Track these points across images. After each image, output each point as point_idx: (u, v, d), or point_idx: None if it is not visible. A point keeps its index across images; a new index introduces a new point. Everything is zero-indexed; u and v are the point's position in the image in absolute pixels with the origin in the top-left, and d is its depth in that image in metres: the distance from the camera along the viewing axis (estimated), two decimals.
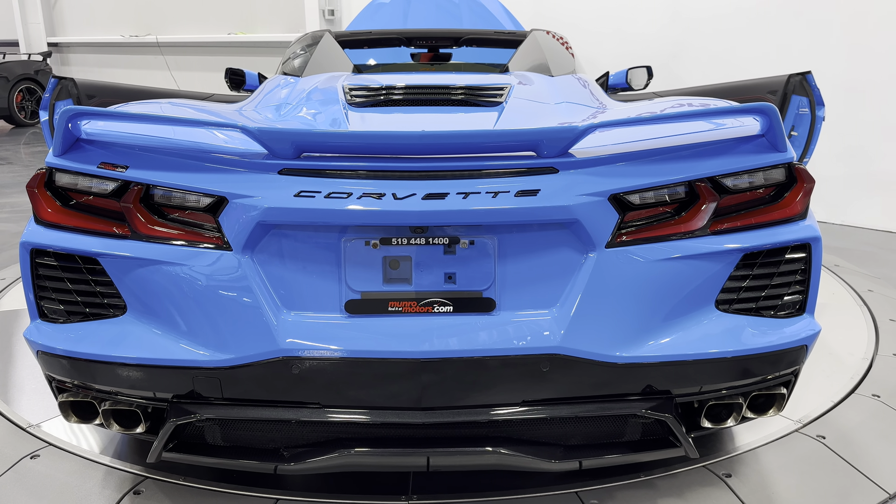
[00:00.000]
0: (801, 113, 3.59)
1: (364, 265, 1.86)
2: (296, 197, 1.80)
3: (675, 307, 1.88)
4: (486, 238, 1.85)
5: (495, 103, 2.38)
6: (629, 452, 2.00)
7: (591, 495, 2.20)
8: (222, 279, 1.83)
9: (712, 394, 1.98)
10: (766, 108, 1.87)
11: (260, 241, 1.84)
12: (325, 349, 1.80)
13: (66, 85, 3.44)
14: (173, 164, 1.89)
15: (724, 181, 1.92)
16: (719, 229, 1.91)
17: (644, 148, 1.91)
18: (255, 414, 1.87)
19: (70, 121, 1.88)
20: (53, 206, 1.94)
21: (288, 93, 2.72)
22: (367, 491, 2.21)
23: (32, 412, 2.72)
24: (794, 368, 2.02)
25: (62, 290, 1.96)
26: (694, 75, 6.25)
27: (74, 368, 1.94)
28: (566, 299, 1.85)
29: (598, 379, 1.86)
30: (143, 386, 1.91)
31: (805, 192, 1.96)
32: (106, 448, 2.47)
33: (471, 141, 1.84)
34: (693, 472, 2.32)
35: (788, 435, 2.55)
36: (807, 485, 2.28)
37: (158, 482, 2.27)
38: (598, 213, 1.83)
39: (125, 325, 1.91)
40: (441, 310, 1.85)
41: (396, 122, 2.29)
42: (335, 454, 1.89)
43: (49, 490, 2.25)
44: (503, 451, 1.90)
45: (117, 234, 1.90)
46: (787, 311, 1.99)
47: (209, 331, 1.83)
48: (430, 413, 1.85)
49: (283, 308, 1.85)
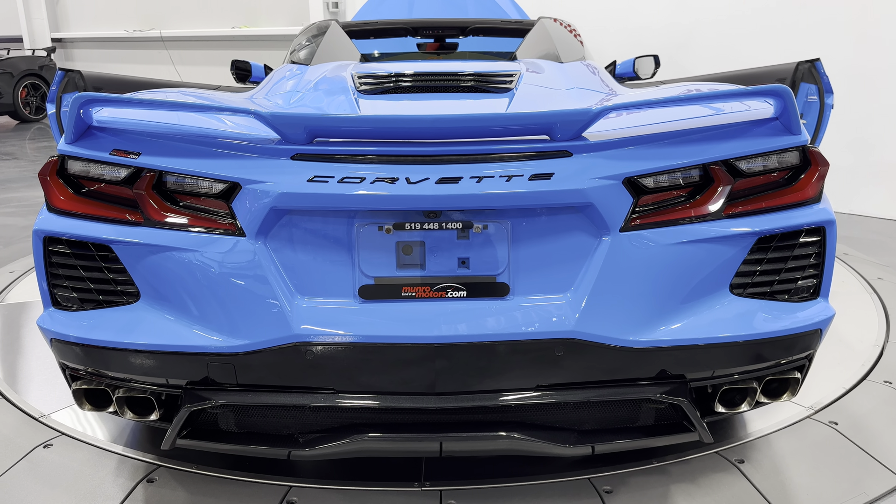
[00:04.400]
0: (810, 101, 3.57)
1: (377, 250, 1.85)
2: (309, 182, 1.79)
3: (689, 291, 1.88)
4: (500, 222, 1.85)
5: (505, 89, 2.36)
6: (643, 437, 2.00)
7: (603, 481, 2.20)
8: (236, 265, 1.82)
9: (726, 378, 1.97)
10: (781, 91, 1.86)
11: (273, 226, 1.84)
12: (338, 335, 1.80)
13: (72, 77, 3.44)
14: (185, 151, 1.89)
15: (739, 164, 1.91)
16: (734, 213, 1.90)
17: (658, 131, 1.90)
18: (269, 400, 1.87)
19: (82, 108, 1.88)
20: (66, 193, 1.94)
21: (297, 81, 2.72)
22: (379, 477, 2.22)
23: (44, 402, 2.73)
24: (808, 353, 2.02)
25: (75, 278, 1.96)
26: (700, 65, 6.22)
27: (88, 356, 1.95)
28: (580, 284, 1.84)
29: (613, 363, 1.86)
30: (156, 372, 1.91)
31: (819, 175, 1.95)
32: (118, 437, 2.48)
33: (485, 124, 1.83)
34: (706, 458, 2.32)
35: (801, 421, 2.54)
36: (819, 470, 2.27)
37: (171, 470, 2.28)
38: (613, 197, 1.82)
39: (139, 312, 1.91)
40: (454, 295, 1.85)
41: (407, 108, 2.28)
42: (348, 440, 1.89)
43: (63, 478, 2.25)
44: (516, 435, 1.90)
45: (130, 221, 1.89)
46: (801, 295, 1.99)
47: (223, 317, 1.83)
48: (444, 398, 1.84)
49: (296, 294, 1.85)
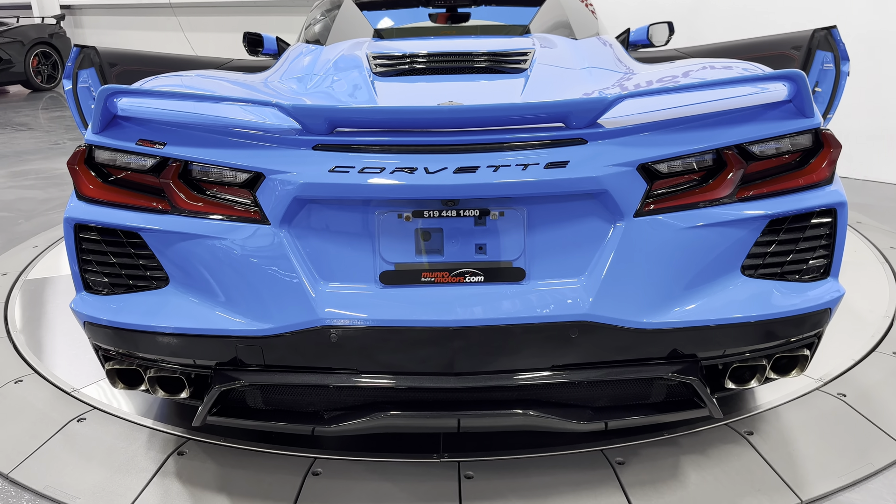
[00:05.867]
0: (826, 68, 3.56)
1: (397, 237, 1.91)
2: (330, 172, 1.84)
3: (701, 273, 1.92)
4: (516, 209, 1.89)
5: (520, 70, 2.39)
6: (654, 413, 2.07)
7: (615, 453, 2.28)
8: (262, 252, 1.89)
9: (737, 356, 2.03)
10: (794, 75, 1.88)
11: (296, 215, 1.90)
12: (361, 318, 1.87)
13: (88, 53, 3.48)
14: (209, 141, 1.94)
15: (752, 148, 1.93)
16: (746, 196, 1.93)
17: (672, 116, 1.93)
18: (295, 380, 1.95)
19: (107, 99, 1.93)
20: (94, 182, 2.00)
21: (312, 62, 2.74)
22: (399, 449, 2.31)
23: (75, 377, 2.83)
24: (817, 331, 2.07)
25: (106, 264, 2.03)
26: (716, 30, 6.15)
27: (120, 338, 2.03)
28: (594, 268, 1.89)
29: (626, 344, 1.92)
30: (186, 354, 1.99)
31: (832, 158, 1.97)
32: (147, 411, 2.58)
33: (501, 114, 1.87)
34: (715, 430, 2.39)
35: (809, 393, 2.60)
36: (827, 441, 2.34)
37: (200, 443, 2.38)
38: (627, 183, 1.86)
39: (168, 297, 1.98)
40: (472, 280, 1.91)
41: (423, 91, 2.31)
42: (370, 417, 1.97)
43: (98, 451, 2.36)
44: (532, 413, 1.97)
45: (158, 209, 1.95)
46: (811, 275, 2.03)
47: (251, 301, 1.90)
48: (462, 378, 1.91)
49: (319, 280, 1.91)
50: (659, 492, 2.11)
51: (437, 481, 2.17)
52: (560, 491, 2.12)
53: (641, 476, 2.18)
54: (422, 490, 2.13)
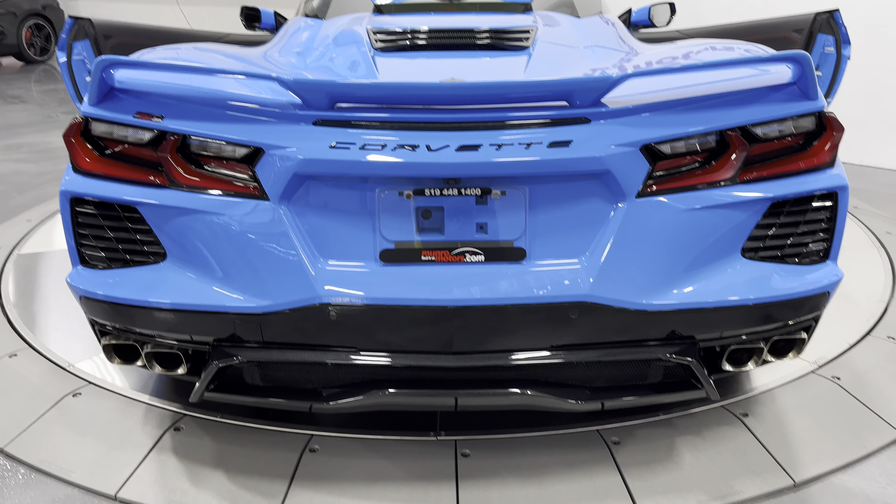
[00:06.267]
0: (827, 52, 3.54)
1: (397, 215, 1.89)
2: (331, 148, 1.82)
3: (702, 255, 1.92)
4: (518, 189, 1.88)
5: (522, 47, 2.36)
6: (651, 394, 2.08)
7: (611, 433, 2.29)
8: (261, 229, 1.87)
9: (734, 339, 2.03)
10: (799, 57, 1.86)
11: (296, 191, 1.88)
12: (360, 297, 1.86)
13: (82, 25, 3.42)
14: (208, 115, 1.91)
15: (755, 130, 1.92)
16: (748, 178, 1.93)
17: (676, 97, 1.91)
18: (294, 357, 1.94)
19: (104, 70, 1.90)
20: (91, 155, 1.97)
21: (311, 37, 2.71)
22: (397, 427, 2.31)
23: (70, 351, 2.82)
24: (815, 314, 2.07)
25: (102, 238, 2.01)
26: (716, 11, 6.10)
27: (116, 313, 2.02)
28: (595, 249, 1.89)
29: (625, 325, 1.92)
30: (184, 330, 1.98)
31: (834, 141, 1.97)
32: (143, 386, 2.57)
33: (505, 91, 1.85)
34: (711, 411, 2.41)
35: (804, 376, 2.62)
36: (821, 424, 2.36)
37: (197, 419, 2.38)
38: (630, 164, 1.85)
39: (165, 272, 1.97)
40: (473, 259, 1.90)
41: (425, 67, 2.28)
42: (368, 394, 1.97)
43: (93, 426, 2.36)
44: (529, 392, 1.97)
45: (155, 184, 1.93)
46: (811, 258, 2.03)
47: (249, 278, 1.89)
48: (461, 357, 1.91)
49: (319, 257, 1.90)
50: (654, 472, 2.13)
51: (433, 459, 2.18)
52: (556, 470, 2.13)
53: (637, 456, 2.19)
54: (418, 468, 2.14)
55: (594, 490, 2.06)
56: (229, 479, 2.10)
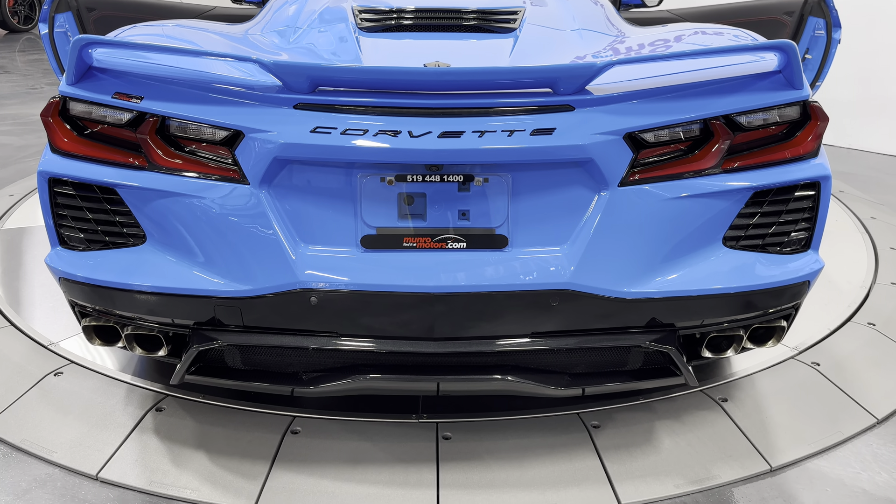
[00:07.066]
0: (817, 35, 3.52)
1: (379, 201, 1.88)
2: (312, 133, 1.80)
3: (683, 244, 1.92)
4: (500, 176, 1.87)
5: (509, 29, 2.34)
6: (631, 380, 2.09)
7: (591, 416, 2.31)
8: (241, 213, 1.86)
9: (714, 326, 2.05)
10: (785, 45, 1.85)
11: (277, 175, 1.86)
12: (341, 282, 1.85)
13: None
14: (188, 96, 1.89)
15: (739, 119, 1.92)
16: (731, 167, 1.92)
17: (661, 85, 1.90)
18: (274, 341, 1.94)
19: (82, 49, 1.86)
20: (69, 135, 1.95)
21: (296, 13, 2.66)
22: (378, 409, 2.32)
23: (51, 329, 2.80)
24: (795, 302, 2.09)
25: (81, 219, 1.99)
26: None
27: (96, 295, 2.00)
28: (577, 237, 1.89)
29: (605, 313, 1.92)
30: (164, 313, 1.98)
31: (818, 131, 1.96)
32: (126, 366, 2.56)
33: (489, 78, 1.84)
34: (690, 396, 2.43)
35: (784, 362, 2.64)
36: (799, 409, 2.39)
37: (179, 400, 2.38)
38: (613, 152, 1.84)
39: (145, 254, 1.95)
40: (455, 246, 1.89)
41: (409, 49, 2.26)
42: (350, 379, 1.97)
43: (75, 406, 2.35)
44: (510, 378, 1.99)
45: (134, 165, 1.91)
46: (792, 247, 2.04)
47: (230, 262, 1.88)
48: (442, 343, 1.92)
49: (300, 242, 1.89)
50: (633, 455, 2.15)
51: (415, 441, 2.19)
52: (536, 453, 2.15)
53: (616, 440, 2.21)
54: (400, 450, 2.16)
55: (573, 473, 2.08)
56: (211, 460, 2.11)
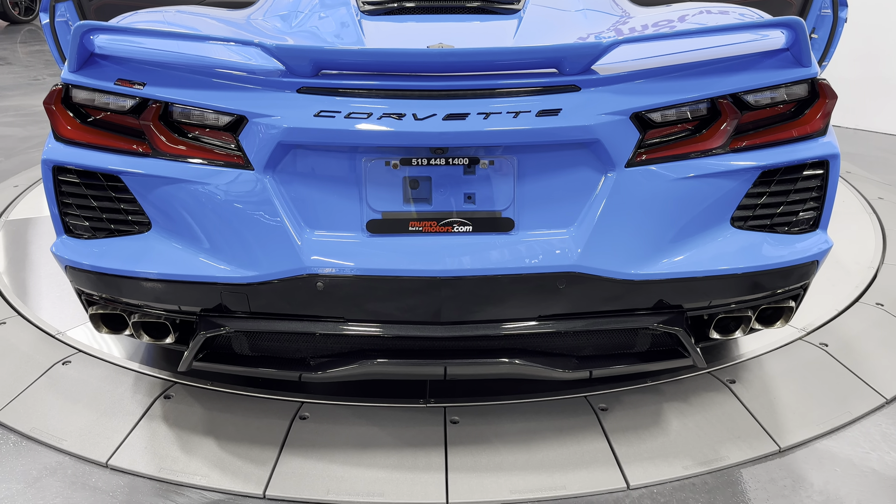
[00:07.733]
0: (823, 14, 3.48)
1: (384, 185, 1.87)
2: (316, 117, 1.79)
3: (690, 225, 1.91)
4: (506, 158, 1.86)
5: (512, 10, 2.32)
6: (638, 362, 2.09)
7: (599, 399, 2.31)
8: (245, 198, 1.85)
9: (722, 307, 2.04)
10: (793, 22, 1.83)
11: (281, 160, 1.85)
12: (348, 267, 1.85)
13: None
14: (191, 81, 1.87)
15: (747, 97, 1.90)
16: (739, 147, 1.91)
17: (667, 64, 1.88)
18: (281, 327, 1.94)
19: (83, 36, 1.85)
20: (72, 123, 1.94)
21: None
22: (386, 394, 2.32)
23: (59, 319, 2.81)
24: (803, 283, 2.07)
25: (86, 207, 1.99)
26: None
27: (103, 283, 2.00)
28: (584, 218, 1.87)
29: (613, 295, 1.91)
30: (170, 300, 1.98)
31: (826, 109, 1.94)
32: (133, 354, 2.57)
33: (493, 59, 1.82)
34: (698, 378, 2.42)
35: (792, 343, 2.63)
36: (807, 390, 2.38)
37: (187, 387, 2.38)
38: (620, 133, 1.82)
39: (151, 242, 1.95)
40: (460, 229, 1.88)
41: (412, 32, 2.24)
42: (357, 364, 1.97)
43: (83, 394, 2.36)
44: (517, 361, 1.98)
45: (138, 152, 1.90)
46: (800, 227, 2.02)
47: (235, 248, 1.87)
48: (449, 327, 1.91)
49: (305, 227, 1.88)
50: (641, 438, 2.15)
51: (423, 426, 2.19)
52: (544, 436, 2.15)
53: (624, 422, 2.21)
54: (408, 434, 2.16)
55: (581, 455, 2.08)
56: (220, 447, 2.12)
